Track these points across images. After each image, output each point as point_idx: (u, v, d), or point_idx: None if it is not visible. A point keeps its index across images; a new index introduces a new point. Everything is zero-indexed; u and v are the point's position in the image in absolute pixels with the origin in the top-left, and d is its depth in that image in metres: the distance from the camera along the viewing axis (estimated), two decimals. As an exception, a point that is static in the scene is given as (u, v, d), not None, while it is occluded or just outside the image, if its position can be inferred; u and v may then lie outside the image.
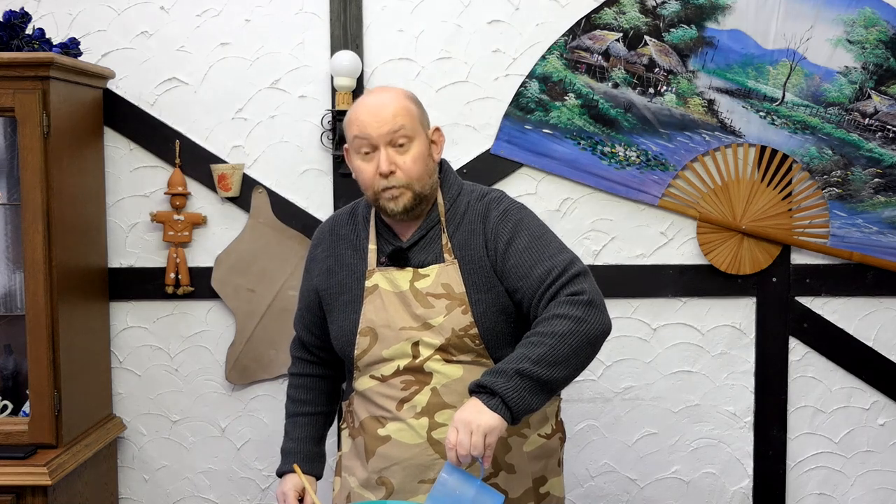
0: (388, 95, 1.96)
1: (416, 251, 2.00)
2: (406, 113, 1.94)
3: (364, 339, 1.98)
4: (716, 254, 2.87)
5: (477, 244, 1.97)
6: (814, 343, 2.92)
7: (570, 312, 1.82)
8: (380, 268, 2.00)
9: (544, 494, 2.04)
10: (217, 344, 2.94)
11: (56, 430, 2.51)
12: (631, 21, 2.82)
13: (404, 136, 1.92)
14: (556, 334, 1.79)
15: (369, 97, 1.98)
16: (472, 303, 1.94)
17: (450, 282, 1.95)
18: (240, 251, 2.89)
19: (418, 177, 1.94)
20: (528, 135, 2.85)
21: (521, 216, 1.99)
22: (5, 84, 2.43)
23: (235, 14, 2.87)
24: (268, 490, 2.97)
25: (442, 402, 1.94)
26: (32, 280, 2.47)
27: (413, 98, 2.00)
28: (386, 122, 1.91)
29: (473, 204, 2.02)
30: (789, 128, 2.83)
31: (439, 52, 2.86)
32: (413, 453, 1.95)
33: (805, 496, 2.96)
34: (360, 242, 2.06)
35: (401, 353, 1.96)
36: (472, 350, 1.96)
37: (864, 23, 2.80)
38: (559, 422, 2.11)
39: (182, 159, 2.87)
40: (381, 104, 1.93)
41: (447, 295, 1.95)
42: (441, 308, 1.94)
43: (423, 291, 1.95)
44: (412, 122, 1.94)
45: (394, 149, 1.92)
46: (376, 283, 1.99)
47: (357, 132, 1.94)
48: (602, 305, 1.86)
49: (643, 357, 2.93)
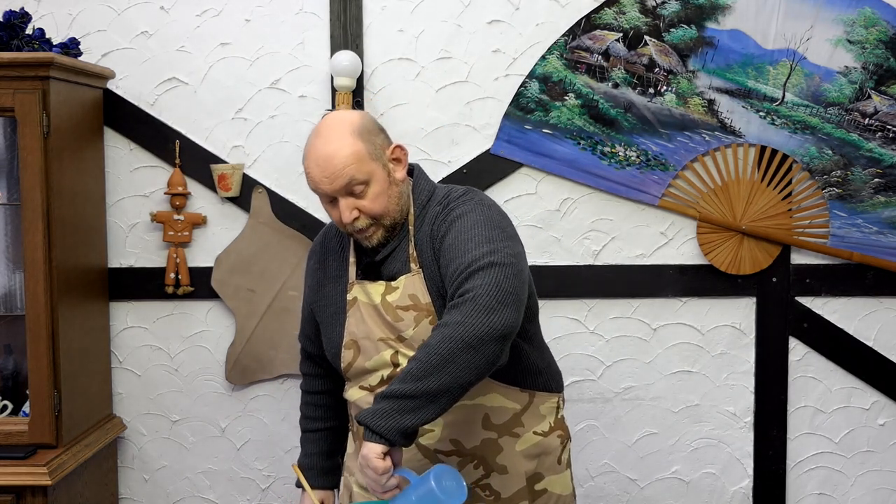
0: (333, 145, 1.87)
1: (387, 263, 1.98)
2: (354, 160, 1.87)
3: (348, 353, 1.99)
4: (716, 254, 2.87)
5: (430, 249, 1.94)
6: (814, 343, 2.92)
7: (447, 319, 1.71)
8: (358, 281, 2.00)
9: (540, 492, 2.03)
10: (217, 344, 2.94)
11: (56, 430, 2.51)
12: (631, 21, 2.82)
13: (358, 183, 1.88)
14: (427, 345, 1.70)
15: (317, 146, 1.89)
16: (437, 311, 1.92)
17: (416, 292, 1.93)
18: (240, 251, 2.89)
19: (383, 212, 1.92)
20: (528, 135, 2.85)
21: (463, 211, 1.89)
22: (5, 84, 2.43)
23: (235, 14, 2.87)
24: (268, 490, 2.97)
25: None
26: (32, 280, 2.47)
27: (360, 131, 1.90)
28: (336, 176, 1.86)
29: (433, 208, 1.97)
30: (789, 128, 2.83)
31: (439, 52, 2.86)
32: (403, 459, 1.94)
33: (805, 496, 2.96)
34: (344, 255, 2.06)
35: (382, 363, 1.96)
36: None
37: (864, 23, 2.80)
38: (559, 419, 2.09)
39: (182, 159, 2.87)
40: (327, 157, 1.87)
41: (414, 306, 1.93)
42: (410, 321, 1.92)
43: (392, 305, 1.94)
44: (362, 166, 1.87)
45: (352, 197, 1.89)
46: (356, 296, 1.99)
47: (312, 186, 1.91)
48: (493, 302, 1.69)
49: (643, 357, 2.93)
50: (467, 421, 1.97)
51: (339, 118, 1.93)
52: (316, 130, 1.93)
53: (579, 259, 2.90)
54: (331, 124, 1.91)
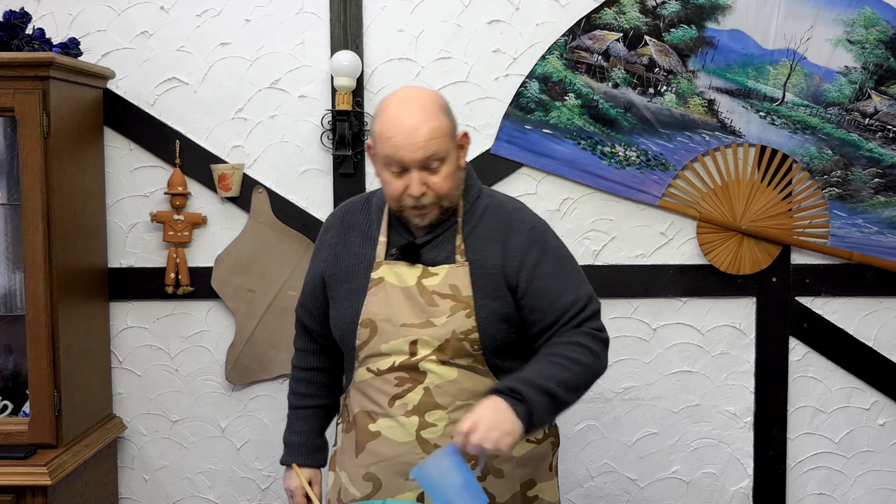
0: (421, 115, 1.87)
1: (428, 248, 1.98)
2: (440, 134, 1.88)
3: (364, 331, 1.98)
4: (716, 254, 2.87)
5: (493, 251, 1.97)
6: (814, 343, 2.92)
7: (593, 346, 1.91)
8: (388, 260, 1.98)
9: (532, 498, 2.04)
10: (217, 344, 2.94)
11: (56, 430, 2.51)
12: (631, 21, 2.82)
13: (436, 158, 1.88)
14: (580, 363, 1.88)
15: (403, 114, 1.88)
16: (476, 307, 1.93)
17: (458, 283, 1.94)
18: (240, 251, 2.89)
19: (448, 193, 1.92)
20: (528, 135, 2.85)
21: (547, 238, 2.01)
22: (5, 84, 2.43)
23: (235, 14, 2.87)
24: (268, 490, 2.97)
25: (433, 402, 1.94)
26: (32, 280, 2.47)
27: (444, 108, 1.93)
28: (419, 147, 1.85)
29: (493, 210, 2.01)
30: (789, 128, 2.83)
31: (439, 52, 2.86)
32: (401, 451, 1.95)
33: (805, 496, 2.96)
34: (370, 232, 2.03)
35: (398, 349, 1.95)
36: (468, 355, 1.95)
37: (864, 23, 2.80)
38: (553, 427, 2.11)
39: (182, 159, 2.87)
40: (414, 127, 1.86)
41: (453, 296, 1.94)
42: (445, 308, 1.93)
43: (429, 289, 1.94)
44: (445, 142, 1.89)
45: (426, 171, 1.89)
46: (382, 276, 1.97)
47: (389, 152, 1.88)
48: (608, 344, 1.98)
49: (643, 357, 2.93)
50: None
51: (424, 92, 1.96)
52: (399, 99, 1.92)
53: (579, 259, 2.85)
54: (418, 96, 1.92)
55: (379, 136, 1.90)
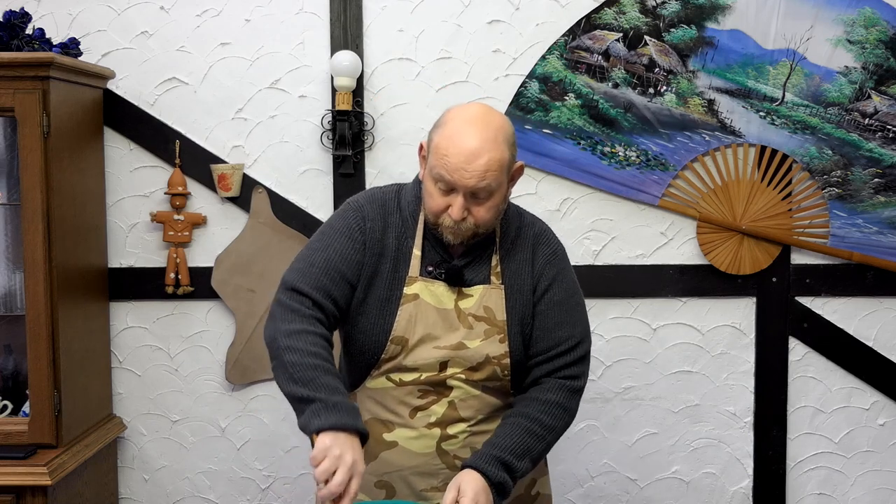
0: (484, 143, 1.79)
1: (467, 269, 1.94)
2: (499, 167, 1.80)
3: (394, 347, 1.91)
4: (716, 254, 2.87)
5: (526, 274, 1.96)
6: (814, 343, 2.92)
7: (569, 406, 1.92)
8: (423, 277, 1.92)
9: (535, 496, 2.06)
10: (217, 344, 2.94)
11: (56, 430, 2.51)
12: (631, 21, 2.82)
13: (488, 191, 1.81)
14: (554, 431, 1.91)
15: (466, 135, 1.79)
16: (510, 333, 1.92)
17: (492, 306, 1.92)
18: (240, 251, 2.89)
19: (488, 224, 1.88)
20: (528, 135, 2.85)
21: (564, 266, 2.01)
22: (5, 84, 2.42)
23: (235, 14, 2.87)
24: (268, 490, 2.97)
25: (457, 416, 1.93)
26: (32, 280, 2.47)
27: (509, 138, 1.85)
28: (474, 175, 1.78)
29: (525, 231, 1.99)
30: (789, 128, 2.83)
31: (439, 52, 2.86)
32: (420, 462, 1.94)
33: (805, 496, 2.96)
34: (405, 240, 1.93)
35: (428, 366, 1.92)
36: (497, 379, 1.94)
37: (864, 23, 2.80)
38: None
39: (182, 159, 2.87)
40: (474, 153, 1.78)
41: (487, 319, 1.91)
42: (480, 331, 1.91)
43: (465, 312, 1.91)
44: (500, 175, 1.82)
45: (473, 198, 1.82)
46: (417, 293, 1.90)
47: (441, 170, 1.80)
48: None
49: (643, 357, 2.93)
50: (488, 433, 1.96)
51: (494, 116, 1.86)
52: (466, 117, 1.83)
53: (579, 259, 2.90)
54: (486, 119, 1.83)
55: (435, 148, 1.83)
